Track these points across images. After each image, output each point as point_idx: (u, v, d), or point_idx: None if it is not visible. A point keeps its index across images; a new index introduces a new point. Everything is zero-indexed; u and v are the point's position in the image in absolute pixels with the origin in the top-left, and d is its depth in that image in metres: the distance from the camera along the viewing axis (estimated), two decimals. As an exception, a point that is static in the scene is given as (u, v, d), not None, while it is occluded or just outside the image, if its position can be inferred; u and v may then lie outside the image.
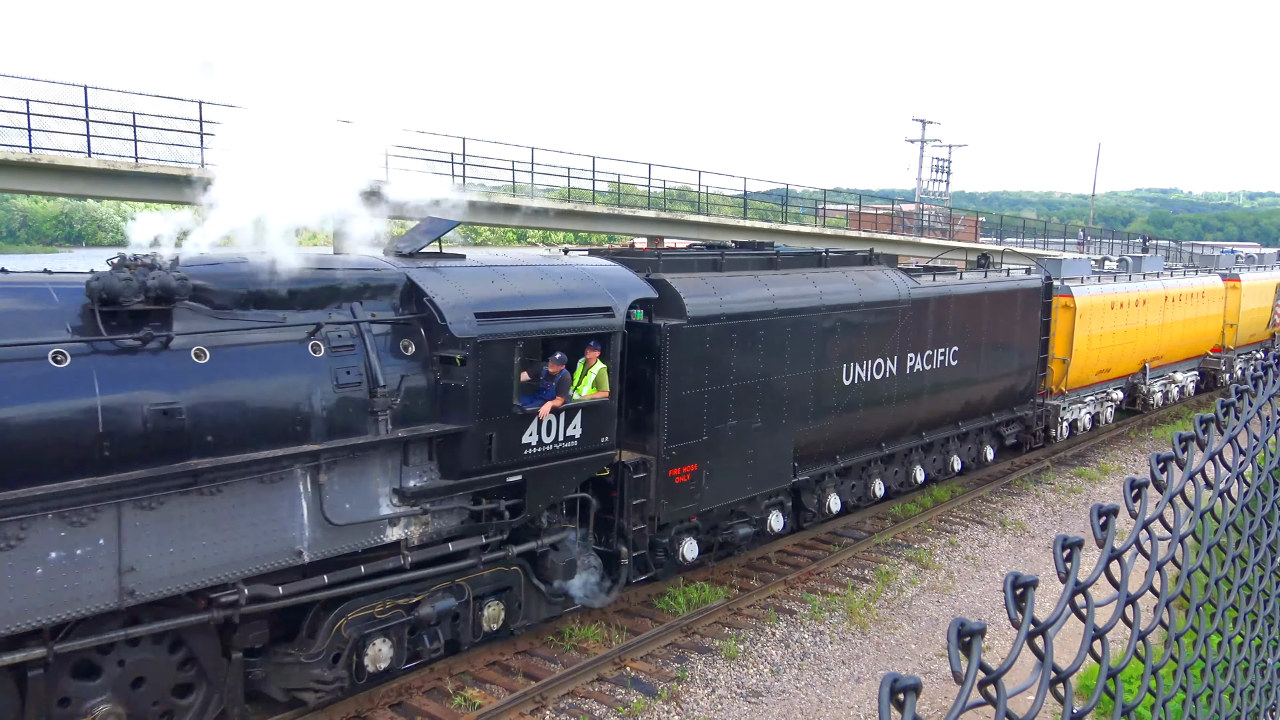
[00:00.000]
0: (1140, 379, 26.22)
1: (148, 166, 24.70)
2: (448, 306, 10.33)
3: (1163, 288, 26.44)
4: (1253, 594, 3.02)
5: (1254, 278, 32.93)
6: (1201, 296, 28.67)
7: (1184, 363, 29.06)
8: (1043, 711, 1.66)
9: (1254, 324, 32.88)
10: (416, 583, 10.46)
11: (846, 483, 16.58)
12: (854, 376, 15.56)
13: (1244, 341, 32.50)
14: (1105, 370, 24.15)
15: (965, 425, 19.18)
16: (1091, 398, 24.07)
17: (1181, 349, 28.12)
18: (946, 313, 17.62)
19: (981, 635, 1.50)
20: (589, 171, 34.91)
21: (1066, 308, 22.03)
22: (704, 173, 38.82)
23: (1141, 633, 2.07)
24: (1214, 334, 30.19)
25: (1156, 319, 25.80)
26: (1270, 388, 3.13)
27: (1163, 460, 2.11)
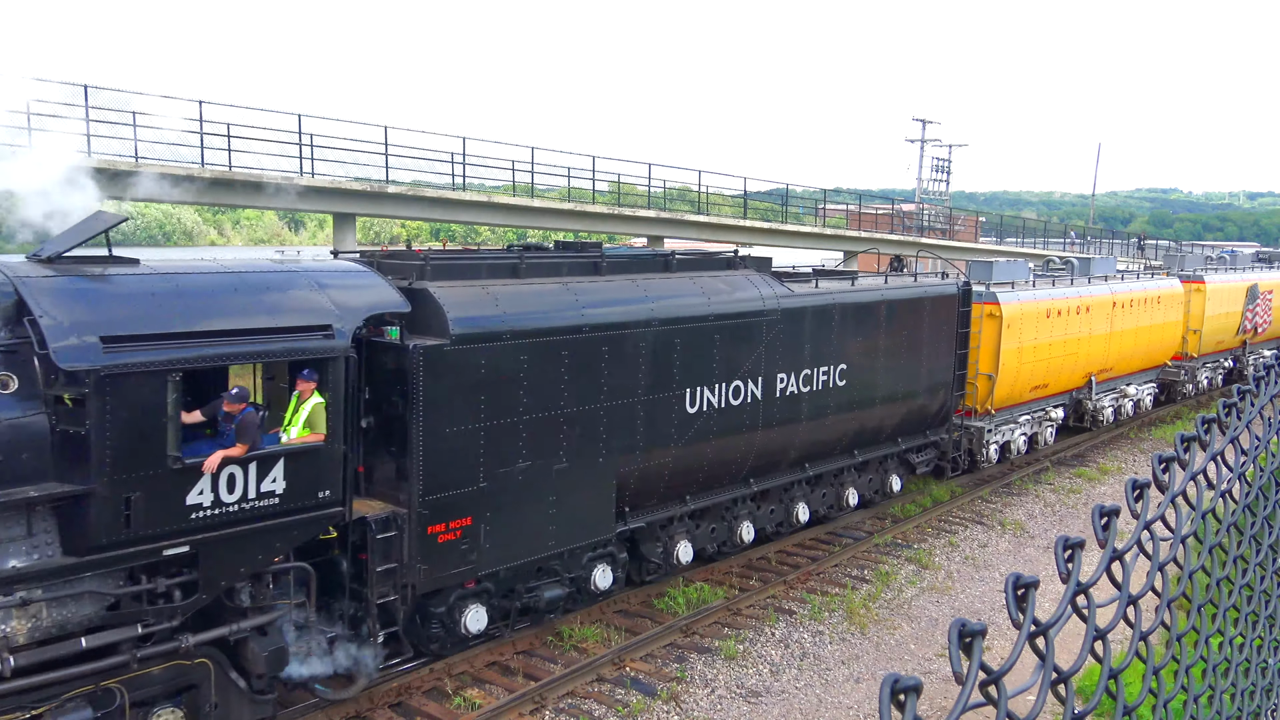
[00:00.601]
0: (1086, 394, 23.73)
1: (147, 166, 24.70)
2: (56, 329, 7.95)
3: (1110, 293, 23.86)
4: (1254, 595, 3.01)
5: (1220, 280, 29.92)
6: (1157, 302, 26.02)
7: (1139, 374, 26.49)
8: (1044, 712, 1.66)
9: (1221, 330, 30.10)
10: (31, 691, 8.04)
11: (704, 526, 14.32)
12: (702, 402, 13.18)
13: (1210, 349, 30.02)
14: (1042, 386, 21.69)
15: (863, 454, 16.82)
16: (1026, 417, 21.76)
17: (1135, 359, 25.56)
18: (830, 325, 15.21)
19: (982, 636, 1.50)
20: (589, 171, 34.91)
21: (992, 316, 19.52)
22: (704, 172, 38.83)
23: (1143, 633, 2.06)
24: (1174, 342, 27.43)
25: (1103, 327, 23.37)
26: (1272, 388, 3.12)
27: (1164, 461, 2.11)
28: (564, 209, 34.75)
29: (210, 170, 25.84)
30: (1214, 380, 31.03)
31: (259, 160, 27.38)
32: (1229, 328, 30.42)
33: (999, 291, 20.10)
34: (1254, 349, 32.93)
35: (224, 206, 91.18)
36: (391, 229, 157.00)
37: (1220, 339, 30.33)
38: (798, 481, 15.69)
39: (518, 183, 33.07)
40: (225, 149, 25.89)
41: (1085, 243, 61.41)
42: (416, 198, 30.70)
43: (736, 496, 14.51)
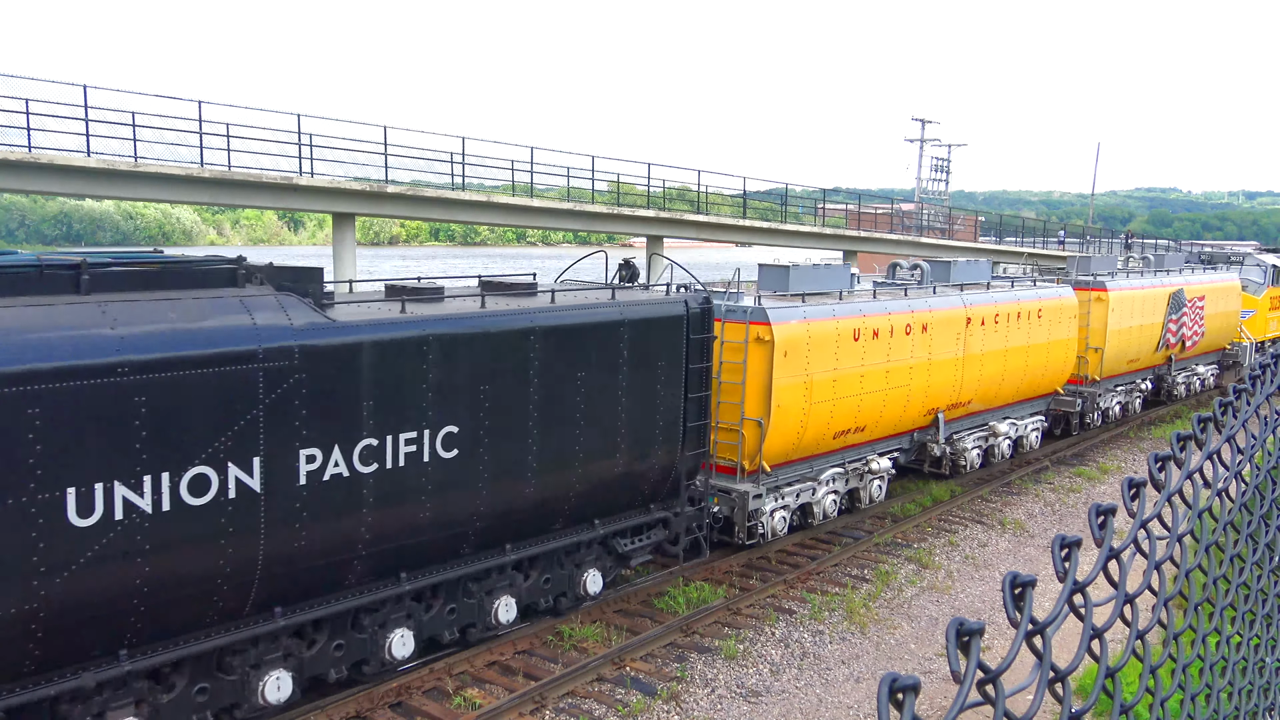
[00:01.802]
0: (932, 434, 18.73)
1: (147, 166, 24.71)
2: None
3: (963, 306, 18.82)
4: (1251, 593, 3.02)
5: (1128, 287, 24.78)
6: (1037, 316, 21.00)
7: (1016, 406, 21.44)
8: (1041, 711, 1.67)
9: (1134, 346, 25.13)
10: None
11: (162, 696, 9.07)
12: (110, 510, 8.06)
13: (1119, 370, 25.14)
14: (851, 430, 16.41)
15: (521, 549, 11.77)
16: (835, 470, 16.53)
17: (1009, 387, 20.59)
18: (423, 368, 10.20)
19: (980, 635, 1.51)
20: (588, 171, 34.92)
21: (761, 341, 14.59)
22: (703, 172, 38.84)
23: (1140, 632, 2.07)
24: (1064, 364, 22.35)
25: (951, 350, 18.37)
26: (1268, 387, 3.13)
27: (1161, 459, 2.12)
28: (563, 209, 34.77)
29: (210, 170, 25.83)
30: (1129, 406, 26.41)
31: (258, 160, 27.38)
32: (1145, 343, 25.60)
33: (773, 308, 14.89)
34: (1183, 365, 28.86)
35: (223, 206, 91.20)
36: (391, 229, 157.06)
37: (1133, 356, 25.40)
38: (352, 611, 10.36)
39: (517, 182, 33.08)
40: (225, 149, 25.89)
41: (1085, 242, 61.40)
42: (416, 198, 30.71)
43: (185, 656, 8.98)
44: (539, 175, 33.53)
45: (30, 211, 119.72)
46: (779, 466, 15.33)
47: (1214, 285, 29.61)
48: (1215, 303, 29.37)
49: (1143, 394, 26.85)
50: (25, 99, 23.23)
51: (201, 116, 25.33)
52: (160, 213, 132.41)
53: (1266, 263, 33.61)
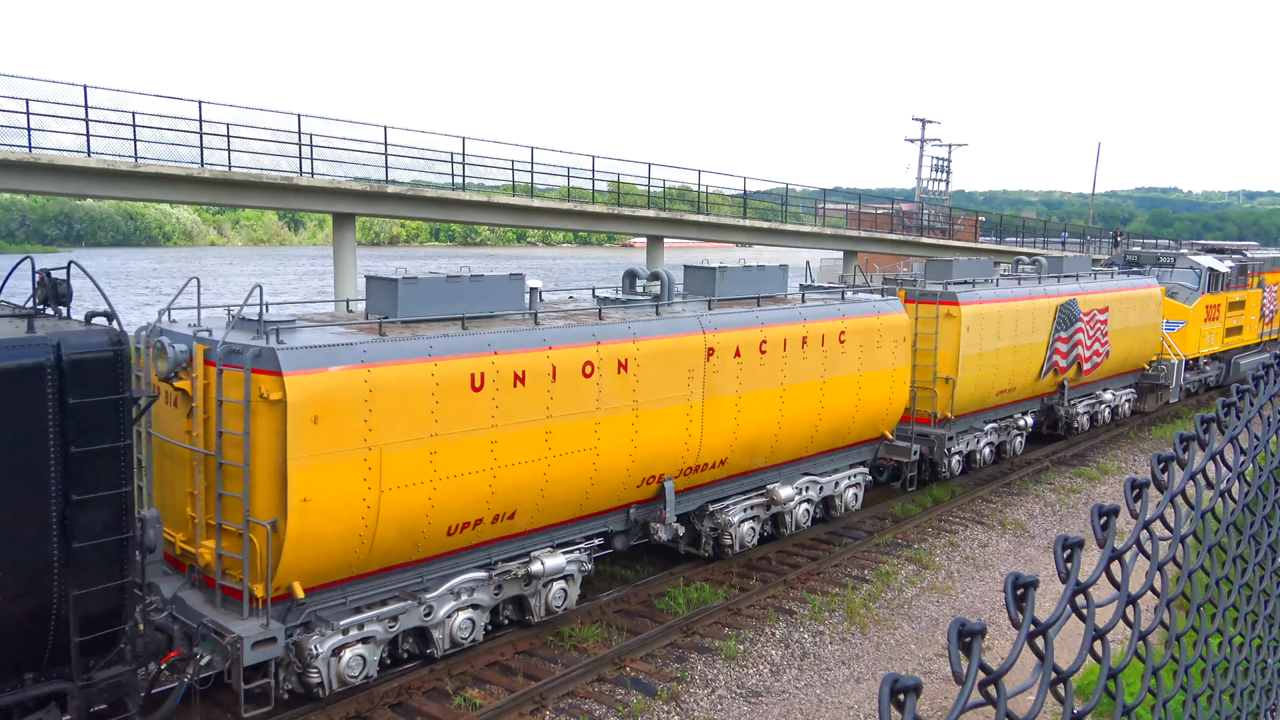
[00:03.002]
0: (648, 513, 13.63)
1: (147, 166, 24.71)
2: None
3: (702, 332, 13.64)
4: (1253, 594, 3.02)
5: (992, 299, 19.61)
6: (837, 340, 15.69)
7: (817, 460, 16.39)
8: (1043, 712, 1.66)
9: (1003, 373, 20.13)
10: None
11: None
12: None
13: (986, 403, 20.20)
14: (492, 519, 11.47)
15: None
16: (451, 585, 11.46)
17: (790, 440, 15.30)
18: None
19: (982, 635, 1.50)
20: (589, 171, 34.93)
21: (271, 404, 9.57)
22: (704, 172, 38.85)
23: (1142, 633, 2.06)
24: (889, 401, 17.11)
25: (677, 393, 13.35)
26: (1271, 387, 3.13)
27: (1164, 460, 2.11)
28: (564, 209, 34.78)
29: (210, 171, 25.84)
30: (1007, 447, 21.57)
31: (258, 160, 27.39)
32: (1021, 367, 20.69)
33: (291, 350, 9.68)
34: (1085, 391, 23.98)
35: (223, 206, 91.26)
36: (391, 229, 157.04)
37: (1005, 385, 20.44)
38: None
39: (517, 182, 33.09)
40: (225, 149, 25.89)
41: (1085, 242, 61.39)
42: (416, 198, 30.71)
43: None
44: (539, 175, 33.54)
45: (30, 211, 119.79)
46: (349, 587, 10.55)
47: (1123, 294, 24.47)
48: (1125, 314, 24.36)
49: (1024, 431, 21.80)
50: (25, 99, 23.23)
51: (202, 116, 25.33)
52: (160, 213, 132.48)
53: (1201, 265, 28.29)
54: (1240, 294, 30.14)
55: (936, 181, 60.32)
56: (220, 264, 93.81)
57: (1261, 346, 32.91)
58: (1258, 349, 32.60)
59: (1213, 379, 30.16)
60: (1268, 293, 32.77)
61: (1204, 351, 28.63)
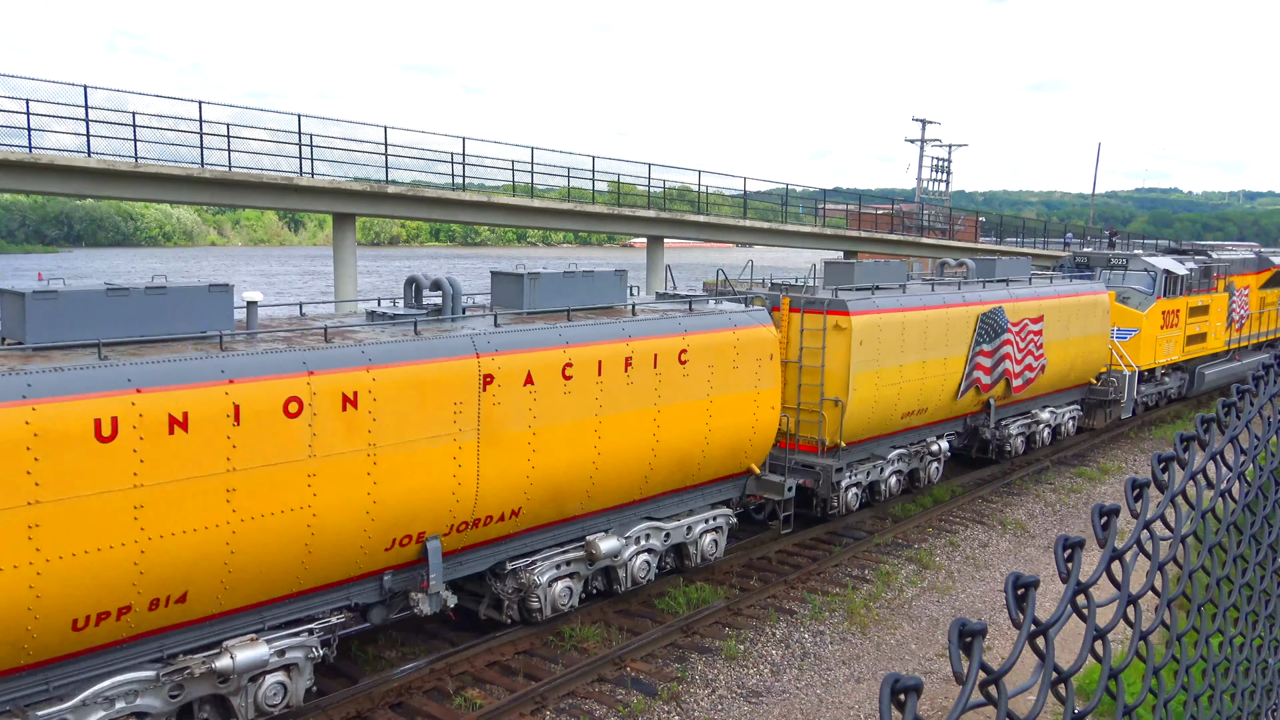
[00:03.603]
0: (412, 580, 10.99)
1: (147, 167, 24.72)
2: None
3: (528, 348, 11.52)
4: (1254, 594, 3.02)
5: (892, 308, 16.79)
6: (676, 362, 13.11)
7: (667, 500, 13.75)
8: (1044, 712, 1.66)
9: (911, 393, 17.32)
10: None
11: None
12: None
13: (890, 426, 17.35)
14: (133, 606, 8.74)
15: None
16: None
17: (625, 476, 12.76)
18: None
19: (983, 635, 1.50)
20: (589, 171, 34.95)
21: None
22: (704, 172, 38.90)
23: (1143, 633, 2.06)
24: (739, 432, 14.11)
25: (446, 429, 10.76)
26: (1271, 387, 3.13)
27: (1164, 460, 2.11)
28: (564, 209, 34.79)
29: (210, 171, 25.85)
30: (921, 475, 18.78)
31: (259, 160, 27.40)
32: (935, 385, 17.93)
33: None
34: (1018, 409, 21.28)
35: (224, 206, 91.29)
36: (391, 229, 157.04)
37: (915, 407, 17.71)
38: None
39: (517, 183, 33.10)
40: (225, 149, 25.90)
41: (1085, 242, 61.41)
42: (416, 198, 30.73)
43: None
44: (539, 175, 33.57)
45: (30, 211, 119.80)
46: None
47: (1062, 301, 21.66)
48: (1065, 323, 21.62)
49: (940, 457, 19.05)
50: (25, 99, 23.24)
51: (202, 117, 25.35)
52: (161, 213, 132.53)
53: (1156, 268, 25.42)
54: (1203, 298, 27.36)
55: (936, 182, 60.35)
56: (221, 264, 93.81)
57: (1230, 355, 30.08)
58: (1225, 358, 29.83)
59: (1174, 391, 27.55)
60: (1236, 297, 29.90)
61: (1161, 361, 25.70)
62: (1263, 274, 31.93)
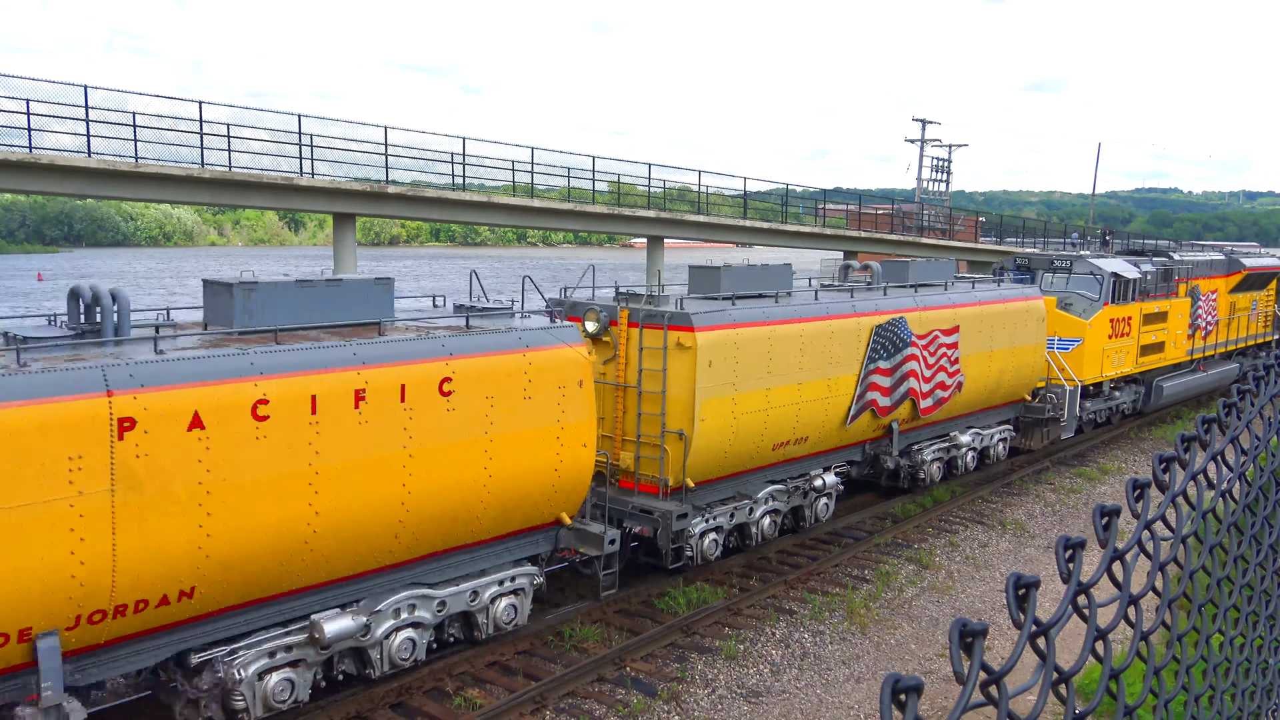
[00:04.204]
0: (21, 688, 8.36)
1: (147, 167, 24.72)
2: None
3: (204, 381, 9.02)
4: (1255, 594, 3.02)
5: (760, 319, 14.24)
6: (436, 394, 10.61)
7: (444, 562, 11.24)
8: (1044, 712, 1.66)
9: (788, 423, 14.76)
10: None
11: None
12: None
13: (758, 462, 14.75)
14: None
15: None
16: None
17: (361, 540, 10.20)
18: None
19: (983, 636, 1.50)
20: (589, 171, 34.96)
21: None
22: (704, 172, 38.91)
23: (1144, 633, 2.06)
24: (554, 475, 11.81)
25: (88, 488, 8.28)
26: (1271, 388, 3.12)
27: (1165, 460, 2.11)
28: (564, 209, 34.79)
29: (210, 171, 25.85)
30: (810, 511, 16.09)
31: (259, 161, 27.41)
32: (817, 411, 15.26)
33: None
34: (932, 433, 18.75)
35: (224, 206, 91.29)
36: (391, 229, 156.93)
37: (791, 436, 14.96)
38: None
39: (517, 183, 33.10)
40: (225, 149, 25.91)
41: (1085, 242, 61.41)
42: (416, 198, 30.73)
43: None
44: (539, 176, 33.56)
45: (30, 211, 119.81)
46: None
47: (984, 309, 19.00)
48: (989, 334, 19.09)
49: (826, 491, 16.01)
50: (25, 99, 23.24)
51: (202, 117, 25.35)
52: (161, 213, 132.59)
53: (1103, 271, 22.81)
54: (1160, 303, 24.93)
55: (936, 182, 60.37)
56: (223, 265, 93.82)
57: (1193, 365, 27.63)
58: (1188, 368, 27.43)
59: (1127, 406, 25.25)
60: (1203, 302, 27.64)
61: (1109, 375, 23.31)
62: (1233, 277, 29.71)
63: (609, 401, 14.03)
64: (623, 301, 14.42)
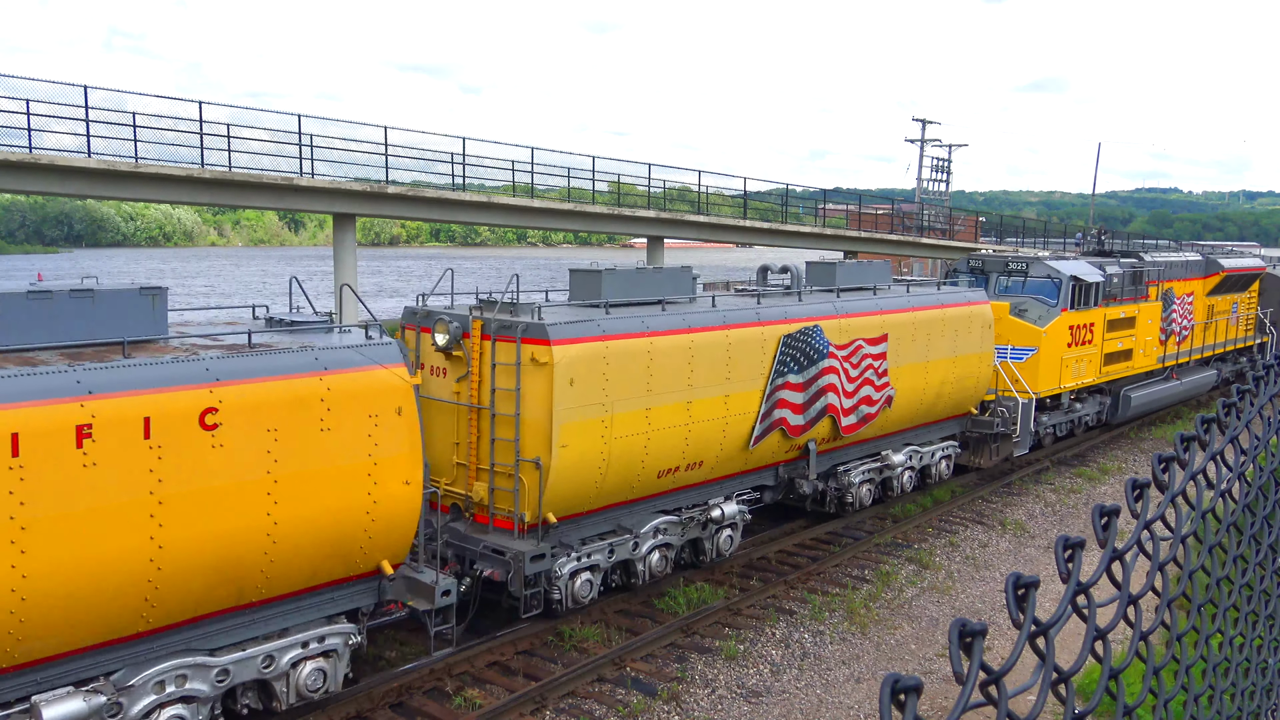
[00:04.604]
0: None
1: (147, 167, 24.72)
2: None
3: None
4: (1254, 594, 3.02)
5: (637, 330, 12.61)
6: (198, 426, 8.70)
7: (227, 624, 9.41)
8: (1044, 712, 1.66)
9: (675, 447, 13.05)
10: None
11: None
12: None
13: (641, 492, 13.03)
14: None
15: None
16: None
17: (93, 608, 8.27)
18: None
19: (983, 636, 1.50)
20: (589, 171, 34.96)
21: None
22: (704, 172, 38.92)
23: (1143, 633, 2.06)
24: (367, 519, 9.87)
25: None
26: (1271, 387, 3.13)
27: (1164, 460, 2.11)
28: (564, 209, 34.80)
29: (210, 171, 25.86)
30: (710, 545, 14.42)
31: (259, 161, 27.42)
32: (714, 432, 13.52)
33: None
34: (862, 453, 17.07)
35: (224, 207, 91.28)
36: (391, 229, 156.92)
37: (680, 462, 13.22)
38: None
39: (518, 183, 33.11)
40: (225, 150, 25.91)
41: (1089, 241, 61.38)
42: (416, 198, 30.74)
43: None
44: (539, 176, 33.58)
45: (30, 212, 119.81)
46: None
47: (920, 314, 17.33)
48: (925, 342, 17.34)
49: (726, 522, 14.30)
50: (25, 99, 23.25)
51: (202, 117, 25.35)
52: (161, 213, 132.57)
53: (1061, 274, 21.01)
54: (1128, 308, 23.27)
55: (936, 182, 60.37)
56: (222, 264, 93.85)
57: (1166, 374, 26.01)
58: (1160, 376, 25.75)
59: (1091, 418, 23.67)
60: (1177, 305, 25.94)
61: (1069, 385, 21.67)
62: (1210, 278, 27.98)
63: (463, 425, 12.46)
64: (478, 311, 12.61)
